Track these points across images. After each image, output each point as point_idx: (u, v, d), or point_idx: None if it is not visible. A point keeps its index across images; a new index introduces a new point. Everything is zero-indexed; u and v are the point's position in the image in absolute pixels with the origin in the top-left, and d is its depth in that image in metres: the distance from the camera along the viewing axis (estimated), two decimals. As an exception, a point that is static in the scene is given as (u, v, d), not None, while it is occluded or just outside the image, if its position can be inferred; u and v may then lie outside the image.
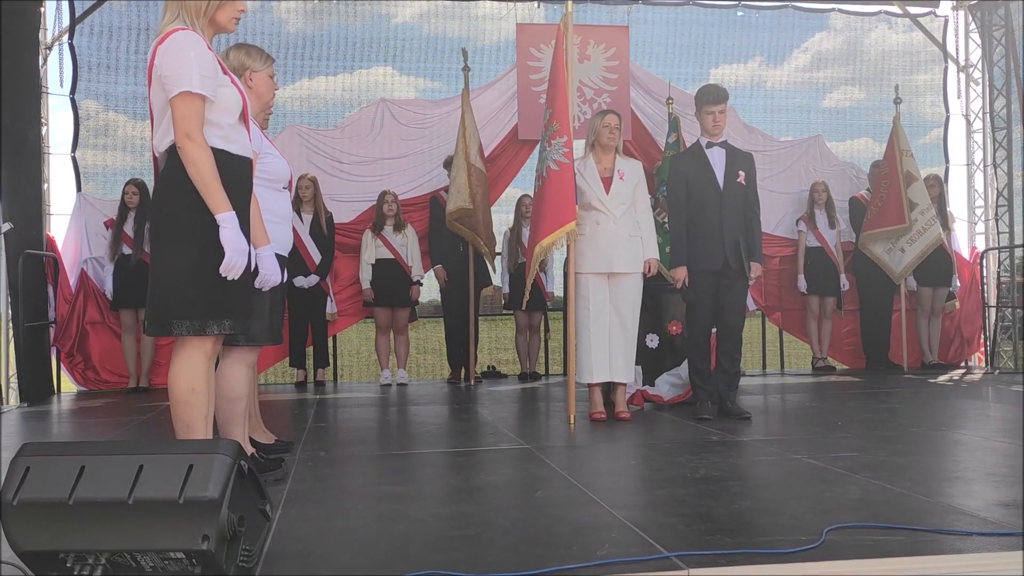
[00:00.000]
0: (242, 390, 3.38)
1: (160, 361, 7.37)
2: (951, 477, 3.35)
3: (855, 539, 2.44)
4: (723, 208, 5.01)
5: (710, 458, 3.77)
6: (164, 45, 2.69)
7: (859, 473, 3.36)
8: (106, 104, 7.91)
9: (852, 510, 2.79)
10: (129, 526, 2.07)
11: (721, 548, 2.39)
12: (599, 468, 3.72)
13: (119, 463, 2.12)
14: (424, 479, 3.48)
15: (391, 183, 7.84)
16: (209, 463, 2.11)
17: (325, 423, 5.27)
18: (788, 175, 8.72)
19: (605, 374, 5.08)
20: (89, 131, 7.88)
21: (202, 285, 2.70)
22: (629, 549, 2.39)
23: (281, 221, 3.50)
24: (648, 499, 3.11)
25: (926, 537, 2.45)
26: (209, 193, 2.66)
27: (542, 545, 2.47)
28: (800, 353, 9.07)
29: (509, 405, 6.10)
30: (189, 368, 2.75)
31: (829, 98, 9.25)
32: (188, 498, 2.06)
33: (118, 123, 7.97)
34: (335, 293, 7.68)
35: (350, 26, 8.25)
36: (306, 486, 3.34)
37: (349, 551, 2.44)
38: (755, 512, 2.80)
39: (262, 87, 3.42)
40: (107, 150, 7.97)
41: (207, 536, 2.05)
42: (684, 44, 8.67)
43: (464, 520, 2.77)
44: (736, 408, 5.08)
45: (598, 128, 5.04)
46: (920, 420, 4.93)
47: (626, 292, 5.04)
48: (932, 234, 7.89)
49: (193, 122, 2.65)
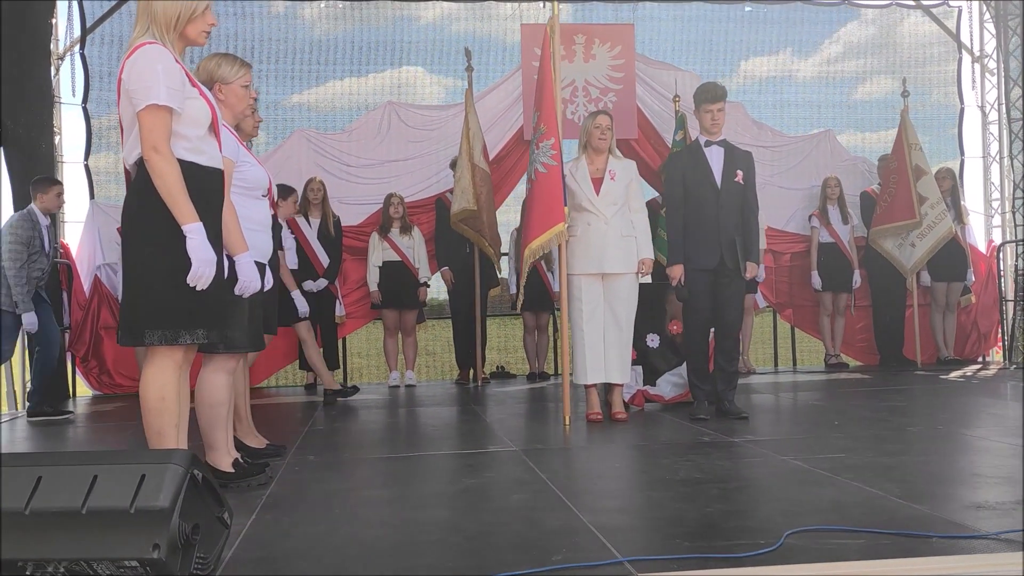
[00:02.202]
0: (223, 396, 3.42)
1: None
2: (933, 478, 3.31)
3: (814, 542, 2.43)
4: (720, 207, 4.98)
5: (695, 460, 3.75)
6: (131, 59, 2.74)
7: (840, 474, 3.33)
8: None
9: (822, 512, 2.77)
10: (83, 535, 2.11)
11: (678, 552, 2.38)
12: (581, 471, 3.72)
13: (74, 473, 2.16)
14: (405, 483, 3.51)
15: (398, 186, 7.89)
16: (161, 473, 2.14)
17: (324, 426, 5.32)
18: (799, 171, 8.66)
19: (600, 375, 5.08)
20: (102, 139, 8.01)
21: (172, 295, 2.75)
22: (585, 554, 2.39)
23: (260, 229, 3.53)
24: (621, 503, 3.11)
25: (885, 540, 2.42)
26: (176, 205, 2.70)
27: (502, 550, 2.49)
28: (813, 350, 8.99)
29: (512, 406, 6.12)
30: (160, 377, 2.79)
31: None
32: (139, 507, 2.09)
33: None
34: (344, 296, 7.74)
35: (358, 30, 8.31)
36: (287, 491, 3.37)
37: (310, 557, 2.47)
38: (724, 515, 2.79)
39: (233, 99, 3.45)
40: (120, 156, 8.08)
41: (158, 545, 2.08)
42: (691, 40, 8.63)
43: (434, 525, 2.79)
44: (734, 408, 5.05)
45: (589, 129, 5.04)
46: (920, 418, 4.88)
47: (620, 292, 5.03)
48: (943, 228, 7.79)
49: (160, 135, 2.70)
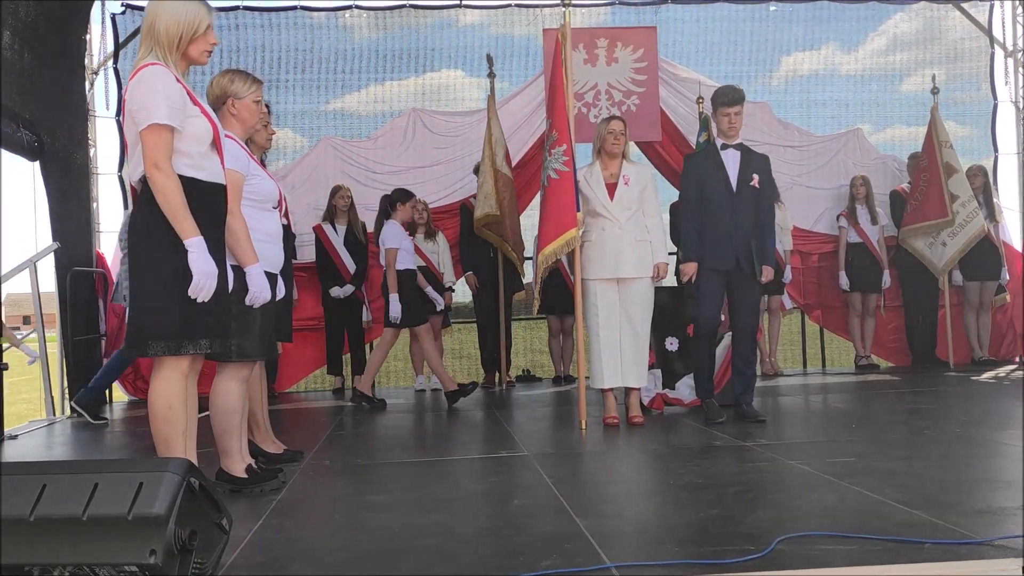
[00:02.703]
0: (236, 404, 3.52)
1: (204, 371, 7.59)
2: (938, 483, 3.28)
3: (804, 548, 2.44)
4: (735, 210, 4.97)
5: (702, 464, 3.77)
6: (134, 80, 2.83)
7: (844, 479, 3.32)
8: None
9: (817, 518, 2.77)
10: (84, 541, 2.20)
11: (667, 558, 2.41)
12: (587, 476, 3.75)
13: (77, 481, 2.25)
14: (411, 488, 3.56)
15: (423, 191, 7.95)
16: (158, 481, 2.23)
17: (346, 430, 5.41)
18: (827, 170, 8.57)
19: (617, 379, 5.09)
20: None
21: (176, 307, 2.83)
22: (575, 559, 2.43)
23: (270, 240, 3.62)
24: (620, 508, 3.13)
25: (876, 546, 2.43)
26: (177, 220, 2.79)
27: (495, 556, 2.53)
28: (843, 351, 8.90)
29: (534, 410, 6.15)
30: (167, 387, 2.89)
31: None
32: (136, 515, 2.18)
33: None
34: (370, 301, 7.83)
35: (383, 38, 8.41)
36: (297, 496, 3.46)
37: (306, 561, 2.54)
38: (719, 521, 2.81)
39: (245, 113, 3.54)
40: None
41: (154, 551, 2.17)
42: (715, 42, 8.59)
43: (431, 530, 2.84)
44: (751, 411, 5.04)
45: (603, 134, 5.05)
46: (940, 421, 4.83)
47: (635, 297, 5.04)
48: (975, 227, 7.67)
49: (161, 152, 2.79)
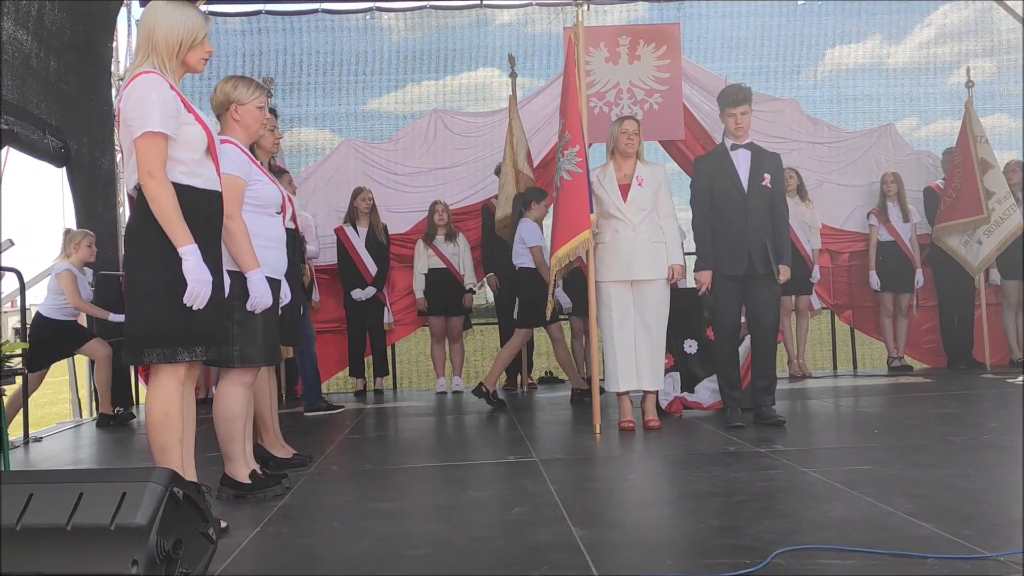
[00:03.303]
0: (240, 410, 3.51)
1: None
2: (955, 493, 3.16)
3: (801, 562, 2.36)
4: (748, 211, 4.88)
5: (711, 471, 3.69)
6: (128, 89, 2.83)
7: (856, 489, 3.23)
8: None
9: (822, 530, 2.69)
10: (68, 551, 2.19)
11: (659, 571, 2.35)
12: (592, 484, 3.67)
13: (63, 491, 2.25)
14: (414, 495, 3.54)
15: (445, 193, 7.95)
16: (141, 491, 2.22)
17: (360, 434, 5.39)
18: (857, 167, 8.42)
19: (632, 382, 5.02)
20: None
21: (171, 315, 2.83)
22: (566, 571, 2.38)
23: (273, 245, 3.61)
24: (619, 517, 3.07)
25: (876, 561, 2.34)
26: (171, 227, 2.78)
27: (486, 565, 2.49)
28: (876, 352, 8.72)
29: (552, 413, 6.10)
30: (163, 394, 2.88)
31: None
32: (119, 525, 2.17)
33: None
34: (392, 303, 7.84)
35: (402, 41, 8.40)
36: (299, 502, 3.44)
37: (297, 569, 2.52)
38: (719, 532, 2.74)
39: (248, 119, 3.54)
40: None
41: (136, 561, 2.16)
42: (741, 37, 8.47)
43: (426, 539, 2.81)
44: (771, 413, 4.95)
45: (616, 135, 4.98)
46: (968, 427, 4.68)
47: (650, 299, 4.97)
48: (1012, 224, 7.47)
49: (155, 160, 2.78)
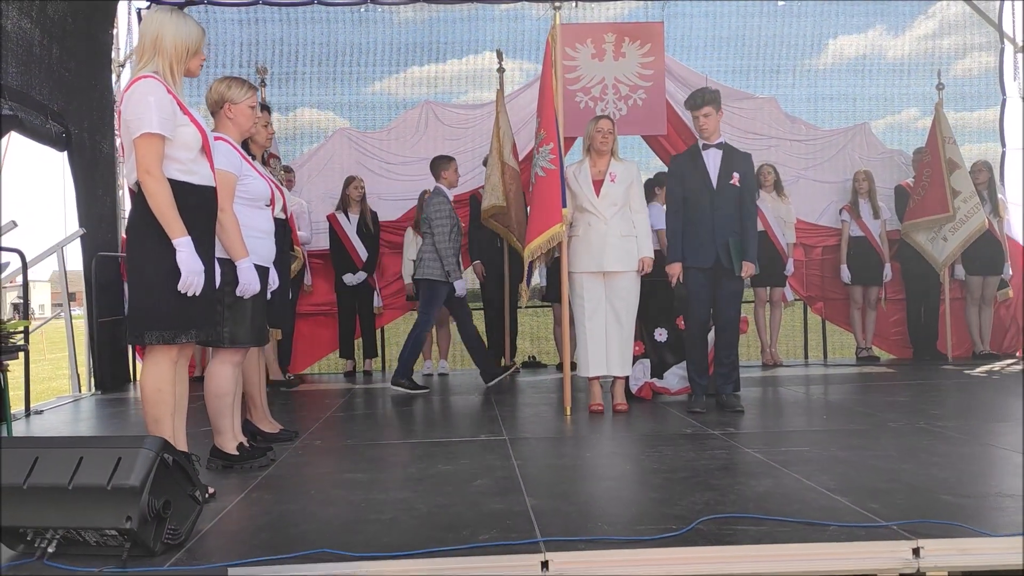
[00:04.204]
0: (228, 387, 3.81)
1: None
2: (875, 471, 3.46)
3: (719, 528, 2.67)
4: (715, 208, 5.16)
5: (664, 451, 4.00)
6: (128, 92, 3.11)
7: (788, 467, 3.54)
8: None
9: (746, 501, 3.00)
10: (70, 508, 2.50)
11: (594, 534, 2.66)
12: (551, 460, 3.98)
13: (65, 455, 2.56)
14: (386, 467, 3.84)
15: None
16: (134, 456, 2.52)
17: (345, 412, 5.70)
18: (832, 164, 8.71)
19: (602, 368, 5.32)
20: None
21: (170, 301, 3.11)
22: (510, 534, 2.69)
23: (262, 236, 3.90)
24: (569, 490, 3.36)
25: (785, 528, 2.65)
26: (166, 221, 3.07)
27: (441, 529, 2.79)
28: (845, 343, 9.04)
29: (530, 395, 6.39)
30: (156, 372, 3.17)
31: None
32: (114, 485, 2.48)
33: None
34: (381, 288, 8.14)
35: (395, 32, 8.64)
36: (282, 473, 3.75)
37: (272, 530, 2.82)
38: (656, 503, 3.05)
39: (240, 117, 3.82)
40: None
41: (130, 517, 2.47)
42: (723, 36, 8.73)
43: (392, 506, 3.11)
44: (731, 401, 5.25)
45: (591, 133, 5.26)
46: (911, 414, 4.97)
47: (620, 290, 5.26)
48: (975, 222, 7.76)
49: (152, 159, 3.06)
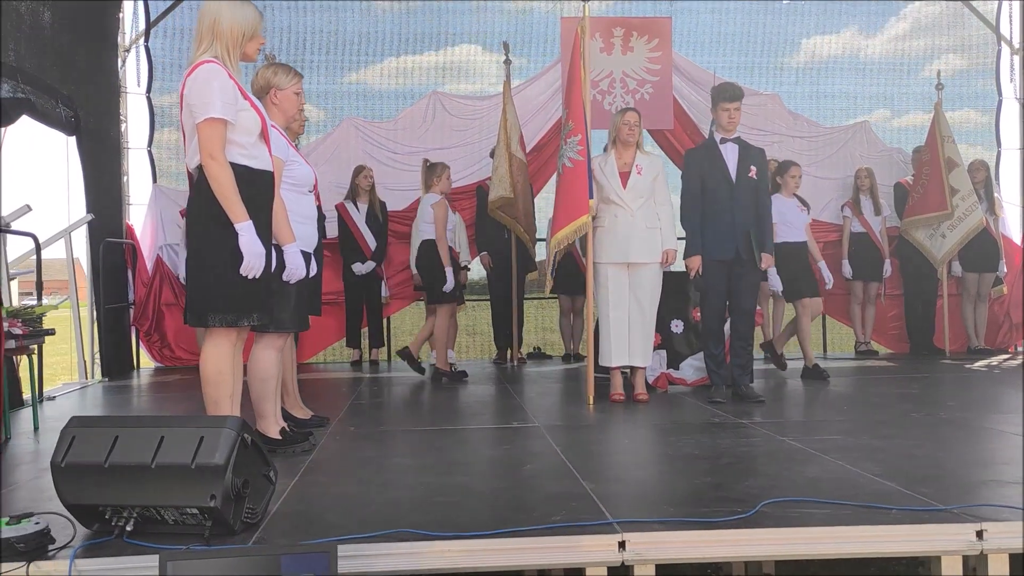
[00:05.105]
0: (272, 371, 3.83)
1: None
2: (914, 459, 3.55)
3: (784, 511, 2.74)
4: (735, 201, 5.25)
5: (699, 438, 4.07)
6: (192, 77, 3.12)
7: (828, 454, 3.62)
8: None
9: (799, 487, 3.07)
10: (152, 486, 2.52)
11: (662, 516, 2.72)
12: (592, 446, 4.05)
13: (145, 434, 2.57)
14: (430, 453, 3.88)
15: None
16: (216, 435, 2.54)
17: (367, 400, 5.73)
18: (834, 161, 8.84)
19: (624, 358, 5.39)
20: (165, 116, 8.44)
21: (233, 284, 3.13)
22: (581, 515, 2.74)
23: (306, 221, 3.92)
24: (623, 474, 3.44)
25: (847, 511, 2.73)
26: (229, 205, 3.09)
27: (510, 511, 2.85)
28: (845, 337, 9.17)
29: (544, 385, 6.46)
30: (217, 354, 3.20)
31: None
32: (199, 464, 2.50)
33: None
34: (388, 278, 8.16)
35: (403, 22, 8.65)
36: (327, 456, 3.78)
37: (340, 511, 2.85)
38: (711, 487, 3.11)
39: (286, 103, 3.84)
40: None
41: (214, 495, 2.49)
42: (728, 33, 8.82)
43: (451, 489, 3.16)
44: (750, 392, 5.33)
45: (618, 125, 5.32)
46: (927, 405, 5.10)
47: (644, 281, 5.33)
48: (973, 220, 7.92)
49: (216, 144, 3.08)
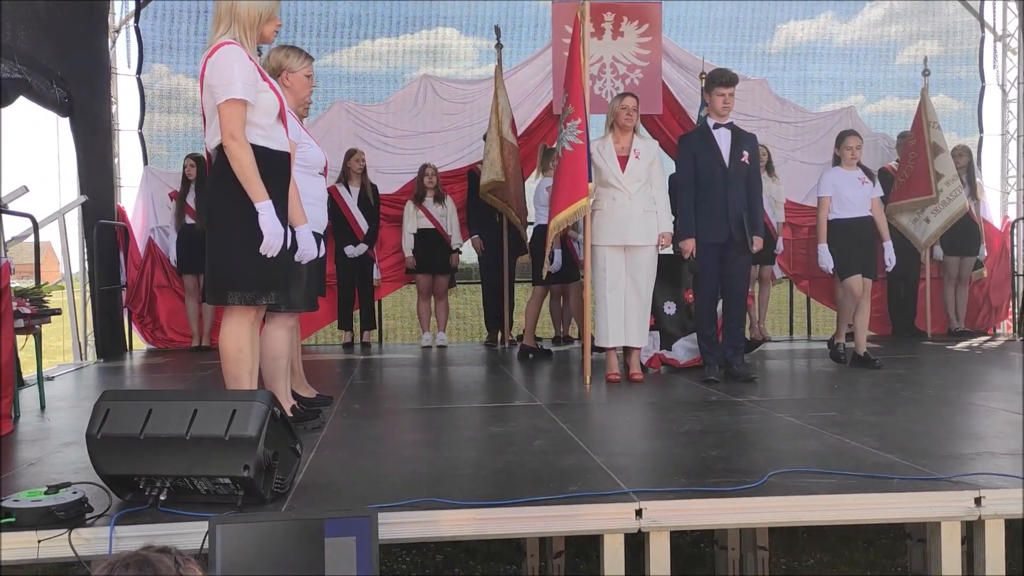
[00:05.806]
0: (284, 350, 3.90)
1: (220, 323, 7.98)
2: (910, 433, 3.70)
3: (792, 481, 2.87)
4: (728, 185, 5.37)
5: (699, 415, 4.19)
6: (212, 58, 3.17)
7: (826, 429, 3.75)
8: (175, 68, 8.44)
9: (803, 459, 3.20)
10: (186, 457, 2.60)
11: (675, 486, 2.83)
12: (597, 422, 4.17)
13: (179, 407, 2.65)
14: (441, 429, 3.98)
15: (433, 156, 8.30)
16: (248, 409, 2.62)
17: (365, 380, 5.81)
18: (820, 146, 8.95)
19: (620, 339, 5.50)
20: (155, 95, 8.42)
21: (252, 264, 3.20)
22: (597, 486, 2.85)
23: (317, 203, 3.99)
24: (630, 448, 3.55)
25: (852, 480, 2.85)
26: (249, 185, 3.15)
27: (526, 482, 2.95)
28: (828, 319, 9.34)
29: (537, 366, 6.56)
30: (237, 332, 3.27)
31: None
32: (232, 436, 2.58)
33: (187, 87, 8.44)
34: (380, 260, 8.22)
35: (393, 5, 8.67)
36: (339, 433, 3.86)
37: (365, 483, 2.95)
38: (718, 459, 3.23)
39: (298, 85, 3.90)
40: (172, 113, 8.51)
41: (247, 466, 2.57)
42: (717, 18, 8.92)
43: (464, 462, 3.26)
44: (742, 370, 5.47)
45: (616, 110, 5.41)
46: (915, 384, 5.25)
47: (641, 263, 5.44)
48: (957, 204, 8.09)
49: (236, 124, 3.14)
